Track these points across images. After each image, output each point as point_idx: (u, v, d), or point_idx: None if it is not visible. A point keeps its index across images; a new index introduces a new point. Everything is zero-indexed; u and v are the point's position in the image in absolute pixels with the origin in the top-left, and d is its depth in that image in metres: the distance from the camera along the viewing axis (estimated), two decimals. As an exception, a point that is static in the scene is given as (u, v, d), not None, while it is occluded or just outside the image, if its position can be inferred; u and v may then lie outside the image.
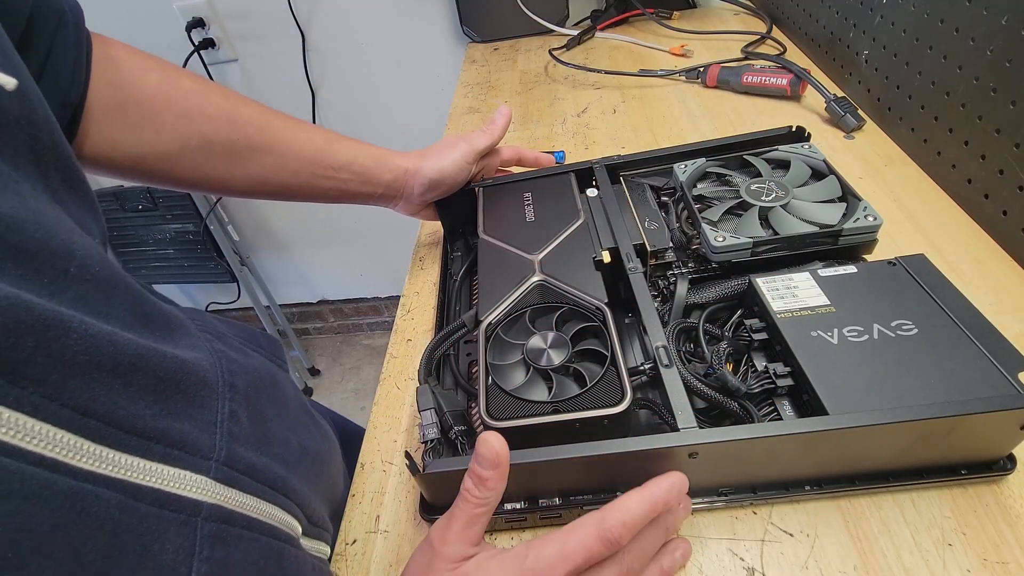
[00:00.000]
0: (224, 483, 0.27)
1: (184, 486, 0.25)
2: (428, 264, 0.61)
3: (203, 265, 1.59)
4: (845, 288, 0.38)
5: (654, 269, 0.46)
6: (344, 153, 0.49)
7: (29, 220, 0.22)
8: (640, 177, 0.54)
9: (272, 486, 0.31)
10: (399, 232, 1.54)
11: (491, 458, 0.29)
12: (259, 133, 0.44)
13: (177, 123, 0.40)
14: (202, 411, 0.28)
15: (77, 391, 0.21)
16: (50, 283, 0.22)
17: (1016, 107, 0.47)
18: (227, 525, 0.27)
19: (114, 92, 0.37)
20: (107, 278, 0.25)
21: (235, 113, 0.43)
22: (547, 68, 0.95)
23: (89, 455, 0.21)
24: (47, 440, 0.20)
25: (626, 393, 0.35)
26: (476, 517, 0.29)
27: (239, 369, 0.33)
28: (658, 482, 0.30)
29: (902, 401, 0.32)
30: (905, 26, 0.60)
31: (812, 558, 0.34)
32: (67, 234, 0.24)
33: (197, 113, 0.41)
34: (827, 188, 0.44)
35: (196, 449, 0.26)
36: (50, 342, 0.20)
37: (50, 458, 0.20)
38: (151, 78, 0.40)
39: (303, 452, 0.36)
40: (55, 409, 0.20)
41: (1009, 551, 0.33)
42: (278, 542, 0.30)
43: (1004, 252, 0.49)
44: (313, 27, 1.21)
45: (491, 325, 0.42)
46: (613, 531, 0.27)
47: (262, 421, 0.33)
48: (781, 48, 0.84)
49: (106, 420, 0.22)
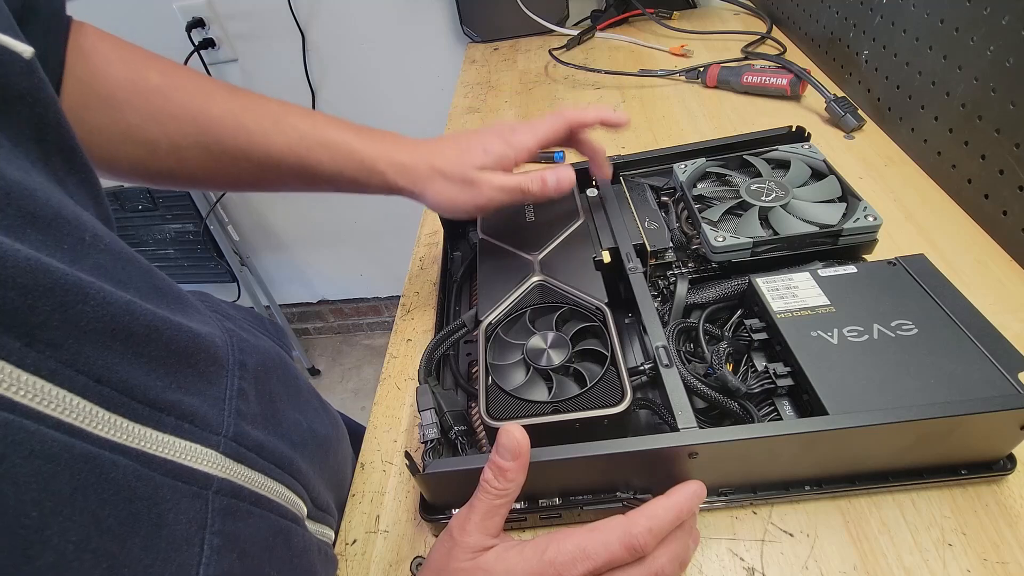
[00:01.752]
0: (233, 458, 0.27)
1: (196, 459, 0.25)
2: (428, 264, 0.61)
3: (203, 265, 1.59)
4: (845, 288, 0.38)
5: (654, 269, 0.46)
6: (328, 165, 0.42)
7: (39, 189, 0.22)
8: (640, 177, 0.54)
9: (279, 464, 0.31)
10: (399, 232, 1.54)
11: (512, 449, 0.28)
12: (231, 137, 0.40)
13: (144, 125, 0.37)
14: (211, 387, 0.28)
15: (92, 358, 0.21)
16: (70, 250, 0.22)
17: (1016, 107, 0.47)
18: (236, 500, 0.27)
19: (81, 88, 0.35)
20: (119, 250, 0.25)
21: (201, 112, 0.39)
22: (547, 68, 0.95)
23: (104, 422, 0.21)
24: (64, 405, 0.20)
25: (626, 393, 0.35)
26: (496, 508, 0.29)
27: (250, 348, 0.33)
28: (682, 490, 0.30)
29: (902, 401, 0.32)
30: (905, 26, 0.60)
31: (812, 558, 0.34)
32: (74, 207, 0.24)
33: (162, 113, 0.38)
34: (827, 188, 0.44)
35: (205, 423, 0.26)
36: (67, 307, 0.20)
37: (67, 423, 0.20)
38: (116, 72, 0.37)
39: (311, 435, 0.36)
40: (71, 375, 0.20)
41: (1009, 551, 0.33)
42: (285, 520, 0.30)
43: (1004, 252, 0.49)
44: (313, 27, 1.21)
45: (491, 325, 0.42)
46: (640, 538, 0.27)
47: (271, 401, 0.33)
48: (781, 48, 0.84)
49: (119, 389, 0.22)
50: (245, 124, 0.40)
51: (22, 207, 0.21)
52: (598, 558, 0.27)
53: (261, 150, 0.40)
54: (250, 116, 0.40)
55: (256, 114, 0.40)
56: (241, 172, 0.41)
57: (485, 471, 0.29)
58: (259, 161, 0.41)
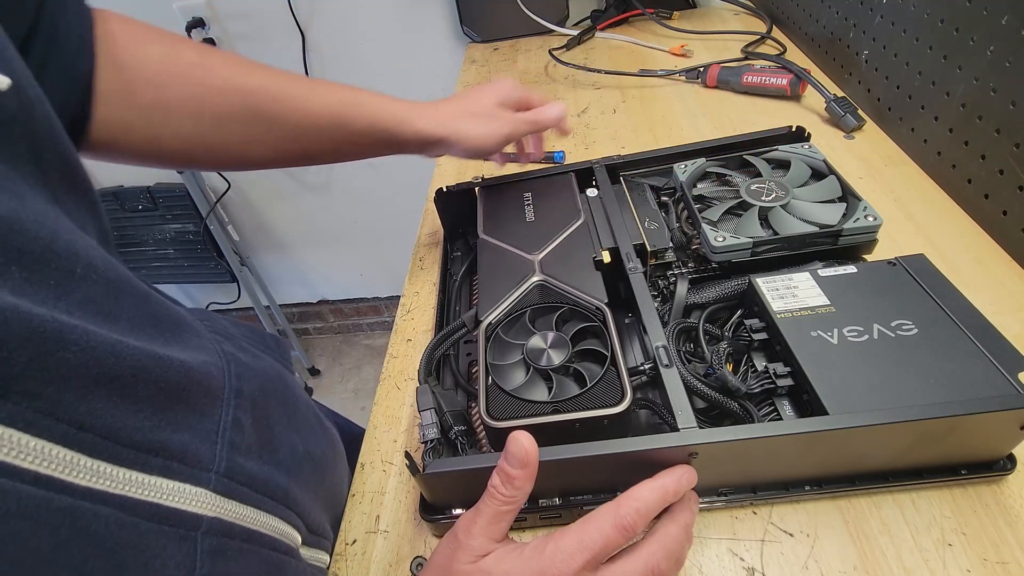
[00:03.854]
0: (224, 495, 0.27)
1: (183, 500, 0.24)
2: (428, 264, 0.61)
3: (203, 265, 1.59)
4: (845, 288, 0.38)
5: (654, 269, 0.46)
6: (363, 118, 0.45)
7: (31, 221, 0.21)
8: (640, 177, 0.54)
9: (272, 496, 0.31)
10: (399, 232, 1.54)
11: (521, 457, 0.28)
12: (272, 103, 0.42)
13: (186, 100, 0.38)
14: (203, 420, 0.27)
15: (73, 405, 0.20)
16: (56, 286, 0.21)
17: (1016, 107, 0.47)
18: (227, 538, 0.26)
19: (120, 73, 0.36)
20: (113, 279, 0.25)
21: (243, 83, 0.41)
22: (547, 68, 0.95)
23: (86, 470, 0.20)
24: (42, 456, 0.19)
25: (626, 393, 0.35)
26: (502, 514, 0.29)
27: (248, 372, 0.32)
28: (668, 472, 0.31)
29: (902, 401, 0.32)
30: (905, 26, 0.60)
31: (812, 558, 0.34)
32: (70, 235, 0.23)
33: (204, 87, 0.39)
34: (827, 188, 0.44)
35: (196, 461, 0.26)
36: (46, 356, 0.19)
37: (45, 475, 0.19)
38: (153, 52, 0.37)
39: (307, 458, 0.36)
40: (50, 424, 0.20)
41: (1009, 551, 0.33)
42: (278, 554, 0.30)
43: (1004, 252, 0.49)
44: (313, 27, 1.21)
45: (491, 325, 0.42)
46: (628, 518, 0.28)
47: (268, 426, 0.33)
48: (781, 48, 0.84)
49: (103, 434, 0.21)
50: (284, 89, 0.42)
51: (7, 243, 0.20)
52: (594, 545, 0.27)
53: (300, 112, 0.43)
54: (287, 82, 0.43)
55: (292, 81, 0.43)
56: (279, 138, 0.43)
57: (493, 477, 0.29)
58: (297, 123, 0.43)
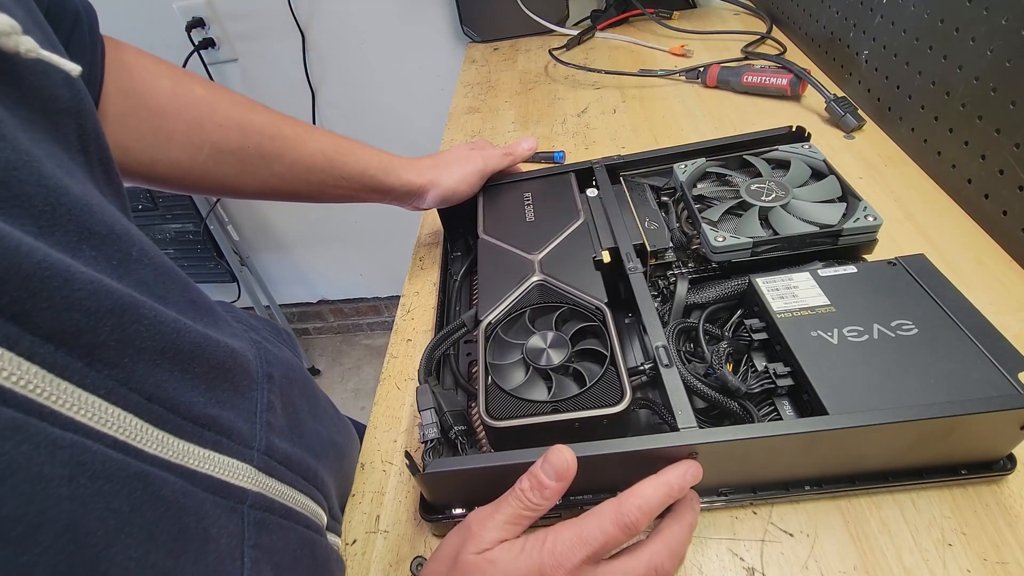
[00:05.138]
0: (265, 472, 0.28)
1: (232, 473, 0.26)
2: (428, 264, 0.61)
3: (203, 265, 1.59)
4: (845, 288, 0.38)
5: (654, 269, 0.46)
6: (355, 164, 0.48)
7: (96, 203, 0.22)
8: (640, 177, 0.54)
9: (304, 476, 0.32)
10: (399, 232, 1.54)
11: (560, 469, 0.29)
12: (270, 142, 0.44)
13: (189, 131, 0.40)
14: (244, 400, 0.28)
15: (144, 376, 0.22)
16: (118, 265, 0.23)
17: (1016, 107, 0.47)
18: (269, 513, 0.27)
19: (126, 99, 0.37)
20: (160, 264, 0.26)
21: (245, 120, 0.43)
22: (547, 68, 0.95)
23: (154, 440, 0.22)
24: (119, 424, 0.20)
25: (626, 393, 0.35)
26: (521, 518, 0.29)
27: (275, 360, 0.33)
28: (672, 468, 0.31)
29: (902, 401, 0.31)
30: (905, 26, 0.60)
31: (812, 558, 0.34)
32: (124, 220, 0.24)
33: (208, 121, 0.41)
34: (827, 188, 0.44)
35: (241, 438, 0.27)
36: (124, 327, 0.21)
37: (123, 441, 0.20)
38: (163, 85, 0.39)
39: (331, 445, 0.37)
40: (125, 393, 0.21)
41: (1009, 551, 0.33)
42: (310, 532, 0.31)
43: (1004, 252, 0.49)
44: (313, 27, 1.21)
45: (491, 325, 0.42)
46: (630, 515, 0.28)
47: (295, 412, 0.34)
48: (781, 48, 0.84)
49: (167, 406, 0.23)
50: (283, 131, 0.45)
51: (81, 223, 0.21)
52: (595, 541, 0.27)
53: (296, 153, 0.45)
54: (286, 124, 0.45)
55: (290, 123, 0.46)
56: (273, 175, 0.45)
57: (523, 480, 0.29)
58: (292, 162, 0.45)
